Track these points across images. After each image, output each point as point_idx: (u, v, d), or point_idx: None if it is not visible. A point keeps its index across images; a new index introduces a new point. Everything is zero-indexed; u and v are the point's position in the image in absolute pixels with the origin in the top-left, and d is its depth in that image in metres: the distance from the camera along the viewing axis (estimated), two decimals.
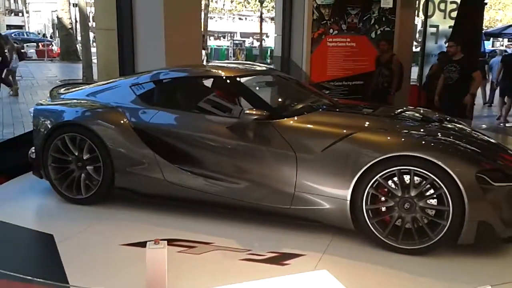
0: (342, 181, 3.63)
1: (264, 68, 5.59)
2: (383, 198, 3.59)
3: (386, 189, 3.57)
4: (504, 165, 3.62)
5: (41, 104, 4.89)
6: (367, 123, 4.01)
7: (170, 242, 3.54)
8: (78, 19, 26.12)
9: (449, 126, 4.27)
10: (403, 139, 3.64)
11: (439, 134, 3.85)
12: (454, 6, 9.59)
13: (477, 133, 4.34)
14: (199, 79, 4.65)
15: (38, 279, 2.23)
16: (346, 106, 4.79)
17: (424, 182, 3.46)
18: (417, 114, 4.55)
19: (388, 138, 3.65)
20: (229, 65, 5.74)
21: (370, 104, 5.03)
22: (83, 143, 4.38)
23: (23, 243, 3.85)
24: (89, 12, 24.64)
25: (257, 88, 4.70)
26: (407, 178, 3.51)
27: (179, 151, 4.17)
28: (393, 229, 3.56)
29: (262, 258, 3.46)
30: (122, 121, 4.33)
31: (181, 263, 3.38)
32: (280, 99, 5.02)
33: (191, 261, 3.45)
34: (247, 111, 3.89)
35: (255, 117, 3.87)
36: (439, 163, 3.36)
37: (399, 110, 4.55)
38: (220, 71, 4.54)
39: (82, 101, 4.69)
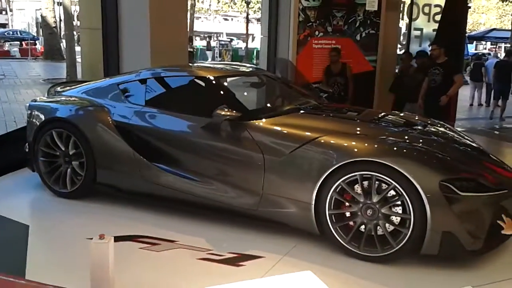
0: (307, 184, 3.59)
1: (250, 69, 5.57)
2: (347, 204, 3.53)
3: (350, 195, 3.51)
4: (479, 174, 3.50)
5: (36, 101, 5.06)
6: (339, 127, 3.97)
7: (137, 238, 3.74)
8: (62, 17, 25.87)
9: (431, 130, 4.26)
10: (366, 144, 3.54)
11: (413, 139, 3.80)
12: (438, 9, 9.69)
13: (461, 138, 4.33)
14: (177, 79, 4.65)
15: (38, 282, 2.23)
16: (330, 109, 4.79)
17: (386, 188, 3.38)
18: (400, 119, 4.54)
19: (353, 142, 3.58)
20: (215, 65, 5.78)
21: (356, 107, 5.02)
22: (69, 138, 4.53)
23: None
24: (74, 11, 24.37)
25: (241, 88, 4.70)
26: (372, 184, 3.44)
27: (155, 149, 4.27)
28: (356, 235, 3.50)
29: (219, 259, 3.48)
30: (105, 119, 4.45)
31: (137, 259, 3.47)
32: (260, 100, 4.99)
33: (148, 258, 3.51)
34: (218, 111, 3.86)
35: (226, 117, 3.86)
36: (400, 169, 3.27)
37: (382, 114, 4.56)
38: (198, 71, 4.57)
39: (73, 99, 4.86)
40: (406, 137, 3.81)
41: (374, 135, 3.76)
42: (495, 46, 40.51)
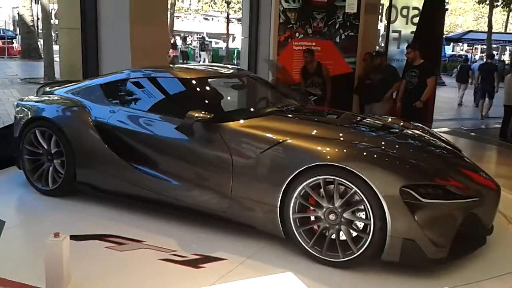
0: (273, 187, 3.55)
1: (232, 71, 5.55)
2: (311, 208, 3.49)
3: (314, 199, 3.47)
4: (448, 181, 3.42)
5: (23, 100, 5.16)
6: (310, 130, 3.93)
7: (106, 237, 3.77)
8: (40, 16, 25.52)
9: (408, 134, 4.25)
10: (331, 148, 3.47)
11: (386, 144, 3.77)
12: (416, 12, 9.81)
13: (438, 141, 4.28)
14: (155, 80, 4.60)
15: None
16: (310, 111, 4.77)
17: (348, 193, 3.33)
18: (378, 122, 4.52)
19: (319, 146, 3.51)
20: (197, 67, 5.76)
21: (337, 110, 5.00)
22: (51, 137, 4.59)
23: None
24: (52, 9, 24.07)
25: (221, 90, 4.67)
26: (334, 188, 3.38)
27: (131, 149, 4.29)
28: (320, 240, 3.45)
29: (181, 260, 3.47)
30: (85, 118, 4.50)
31: (99, 258, 3.49)
32: (237, 102, 4.95)
33: (110, 257, 3.52)
34: (190, 113, 3.85)
35: (197, 119, 3.85)
36: (360, 174, 3.22)
37: (361, 118, 4.59)
38: (176, 73, 4.54)
39: (57, 98, 4.90)
40: (380, 142, 3.80)
41: (346, 139, 3.73)
42: (471, 48, 41.21)
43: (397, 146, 3.84)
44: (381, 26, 15.91)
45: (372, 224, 3.23)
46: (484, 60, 16.01)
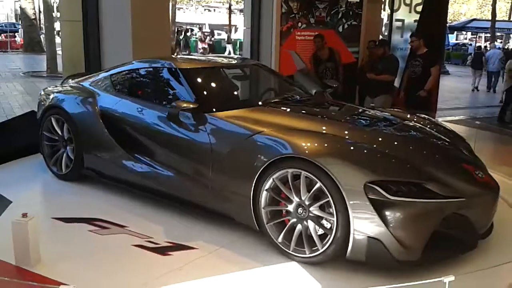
0: (246, 179, 3.50)
1: (235, 61, 5.50)
2: (281, 201, 3.41)
3: (283, 192, 3.39)
4: (429, 178, 3.21)
5: (45, 89, 5.41)
6: (293, 122, 3.79)
7: (94, 220, 3.93)
8: (42, 9, 25.48)
9: (405, 126, 4.07)
10: (298, 141, 3.35)
11: (366, 136, 3.61)
12: (419, 0, 9.74)
13: (441, 135, 4.05)
14: (154, 70, 4.68)
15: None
16: (309, 103, 4.66)
17: (313, 187, 3.22)
18: (378, 115, 4.36)
19: (290, 139, 3.39)
20: (201, 57, 5.79)
21: (340, 103, 4.86)
22: (64, 124, 4.84)
23: None
24: (53, 2, 24.00)
25: (221, 80, 4.70)
26: (305, 182, 3.28)
27: (128, 137, 4.42)
28: (290, 234, 3.36)
29: (153, 247, 3.53)
30: (92, 107, 4.68)
31: (78, 240, 3.64)
32: (233, 92, 4.77)
33: (88, 240, 3.66)
34: (175, 102, 3.94)
35: (182, 108, 3.89)
36: (325, 168, 3.10)
37: (361, 110, 4.47)
38: (171, 63, 4.54)
39: (73, 88, 5.13)
40: (363, 135, 3.63)
41: (327, 132, 3.58)
42: (475, 36, 40.93)
43: (381, 140, 3.64)
44: (384, 15, 15.79)
45: (335, 220, 3.10)
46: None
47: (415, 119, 4.32)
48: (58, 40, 13.96)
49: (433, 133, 4.07)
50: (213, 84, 4.54)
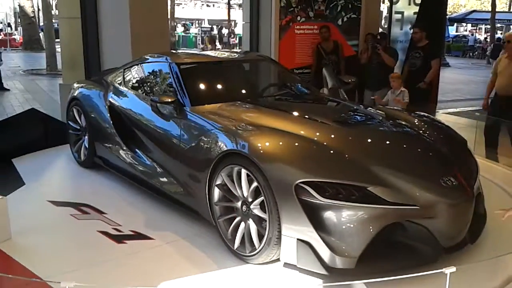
0: (203, 173, 3.47)
1: (239, 56, 5.46)
2: (230, 198, 3.35)
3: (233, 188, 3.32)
4: (380, 183, 2.92)
5: (76, 82, 5.67)
6: (257, 119, 3.64)
7: (80, 206, 4.16)
8: (40, 7, 25.43)
9: (392, 125, 3.77)
10: (247, 137, 3.24)
11: (339, 137, 3.37)
12: None
13: (431, 138, 3.68)
14: (153, 65, 4.77)
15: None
16: (301, 100, 4.58)
17: (252, 186, 3.14)
18: (365, 113, 4.13)
19: (240, 136, 3.30)
20: (197, 52, 5.78)
21: (335, 100, 4.70)
22: (81, 115, 5.15)
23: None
24: (52, 0, 23.96)
25: (214, 75, 4.71)
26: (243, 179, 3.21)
27: (126, 128, 4.58)
28: (236, 232, 3.29)
29: (114, 234, 3.63)
30: (103, 100, 4.89)
31: (54, 223, 3.89)
32: (214, 87, 4.64)
33: (64, 223, 3.89)
34: (155, 97, 4.11)
35: (159, 102, 3.97)
36: (259, 165, 3.00)
37: (351, 108, 4.27)
38: (168, 57, 4.57)
39: (96, 81, 5.39)
40: (327, 135, 3.38)
41: (288, 131, 3.37)
42: (475, 28, 40.80)
43: (342, 140, 3.35)
44: (384, 7, 15.74)
45: (268, 220, 2.99)
46: None
47: (409, 119, 3.97)
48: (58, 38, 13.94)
49: (416, 135, 3.69)
50: (200, 79, 4.50)
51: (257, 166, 3.02)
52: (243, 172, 3.15)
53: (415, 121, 3.93)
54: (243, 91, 4.59)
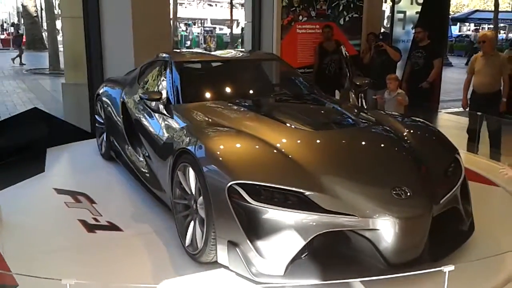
0: (167, 170, 3.51)
1: (242, 55, 5.43)
2: (184, 195, 3.34)
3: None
4: (309, 189, 2.77)
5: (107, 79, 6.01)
6: (227, 119, 3.62)
7: (78, 195, 4.28)
8: (43, 6, 25.49)
9: (367, 130, 3.63)
10: (199, 136, 3.24)
11: (291, 140, 3.25)
12: None
13: (410, 148, 3.38)
14: (155, 63, 4.90)
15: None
16: (294, 100, 4.51)
17: (195, 184, 3.13)
18: (346, 117, 3.93)
19: (195, 134, 3.30)
20: (197, 51, 5.85)
21: (332, 99, 4.66)
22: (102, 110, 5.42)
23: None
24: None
25: (211, 74, 4.81)
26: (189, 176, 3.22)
27: (130, 125, 4.67)
28: (186, 229, 3.26)
29: (91, 223, 3.74)
30: (117, 97, 5.04)
31: (46, 209, 4.06)
32: (204, 86, 4.55)
33: (54, 210, 4.03)
34: (142, 93, 4.22)
35: (148, 99, 4.07)
36: (199, 164, 2.99)
37: (342, 112, 4.04)
38: (170, 56, 4.63)
39: (120, 79, 5.53)
40: (291, 140, 3.28)
41: (250, 133, 3.31)
42: (478, 28, 40.71)
43: (297, 144, 3.22)
44: (386, 7, 15.73)
45: (205, 220, 2.96)
46: None
47: (396, 125, 3.69)
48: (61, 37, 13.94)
49: (388, 142, 3.47)
50: (191, 78, 4.54)
51: (199, 165, 3.02)
52: (191, 171, 3.15)
53: (402, 128, 3.64)
54: (232, 91, 4.50)
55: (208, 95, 4.31)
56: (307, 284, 2.67)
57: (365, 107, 5.45)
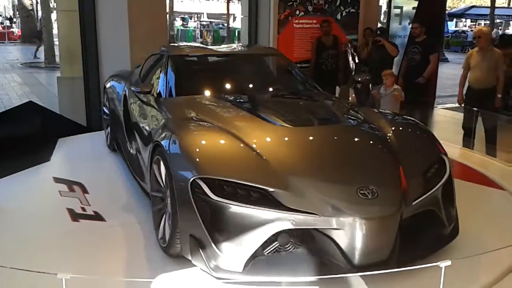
0: (146, 162, 3.65)
1: (240, 49, 5.41)
2: (158, 188, 3.32)
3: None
4: (272, 186, 2.73)
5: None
6: (207, 114, 3.58)
7: (74, 184, 4.36)
8: (39, 0, 25.33)
9: (348, 129, 3.62)
10: (172, 129, 3.25)
11: (266, 135, 3.24)
12: None
13: (376, 145, 3.37)
14: (154, 57, 4.94)
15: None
16: (285, 96, 4.48)
17: (164, 177, 3.13)
18: (333, 113, 3.92)
19: (170, 128, 3.30)
20: (196, 45, 5.85)
21: (326, 96, 4.52)
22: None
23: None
24: None
25: (208, 69, 4.79)
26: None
27: (128, 118, 4.69)
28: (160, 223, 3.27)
29: (77, 212, 3.78)
30: (120, 91, 5.12)
31: (41, 196, 4.19)
32: (195, 80, 4.55)
33: (48, 197, 4.12)
34: (133, 87, 4.31)
35: (140, 92, 4.16)
36: (167, 157, 3.01)
37: (331, 109, 4.02)
38: (166, 50, 4.68)
39: (127, 73, 5.58)
40: (266, 136, 3.24)
41: (222, 127, 3.29)
42: (474, 24, 40.74)
43: (269, 139, 3.21)
44: (383, 2, 15.73)
45: (170, 213, 2.96)
46: None
47: (382, 124, 3.57)
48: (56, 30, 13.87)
49: (366, 141, 3.44)
50: (184, 71, 4.54)
51: (166, 159, 3.03)
52: (162, 163, 3.15)
53: (387, 127, 3.52)
54: (224, 86, 4.46)
55: (199, 89, 4.27)
56: (304, 282, 2.65)
57: (366, 103, 5.44)
